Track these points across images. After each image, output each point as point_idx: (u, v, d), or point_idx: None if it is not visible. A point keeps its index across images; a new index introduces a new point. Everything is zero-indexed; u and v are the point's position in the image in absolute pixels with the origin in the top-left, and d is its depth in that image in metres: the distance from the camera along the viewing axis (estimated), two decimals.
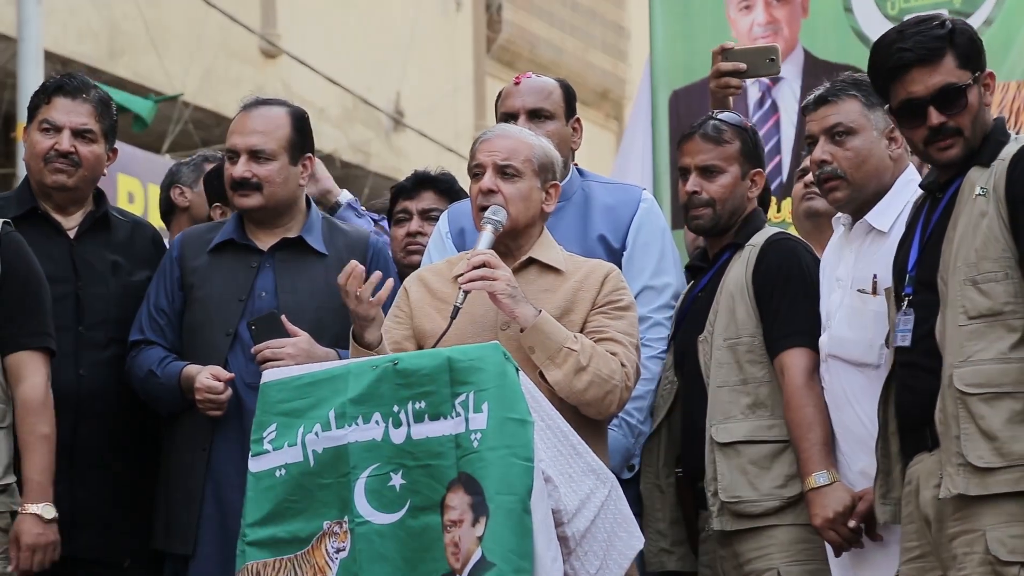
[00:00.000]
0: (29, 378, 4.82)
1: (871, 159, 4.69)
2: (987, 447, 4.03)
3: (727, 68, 5.44)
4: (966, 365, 4.08)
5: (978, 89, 4.27)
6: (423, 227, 5.79)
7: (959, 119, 4.25)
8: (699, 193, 4.97)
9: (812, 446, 4.65)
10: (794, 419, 4.71)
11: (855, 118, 4.70)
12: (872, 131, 4.69)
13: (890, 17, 6.88)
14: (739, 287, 4.88)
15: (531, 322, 4.46)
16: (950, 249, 4.17)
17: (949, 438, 4.09)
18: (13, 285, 4.84)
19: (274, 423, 4.34)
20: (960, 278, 4.12)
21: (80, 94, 5.27)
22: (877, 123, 4.69)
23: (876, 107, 4.68)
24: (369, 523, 4.20)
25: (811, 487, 4.63)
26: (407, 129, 17.96)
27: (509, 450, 4.08)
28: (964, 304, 4.11)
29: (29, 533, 4.72)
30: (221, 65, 15.14)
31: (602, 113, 21.86)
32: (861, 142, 4.69)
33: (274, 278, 5.18)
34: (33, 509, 4.75)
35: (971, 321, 4.09)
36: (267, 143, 5.18)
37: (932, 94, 4.25)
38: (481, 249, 4.54)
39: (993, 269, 4.09)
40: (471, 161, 4.72)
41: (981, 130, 4.27)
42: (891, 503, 4.40)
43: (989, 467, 4.02)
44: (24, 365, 4.83)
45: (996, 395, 4.04)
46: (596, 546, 4.22)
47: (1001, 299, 4.08)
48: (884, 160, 4.70)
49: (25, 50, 11.49)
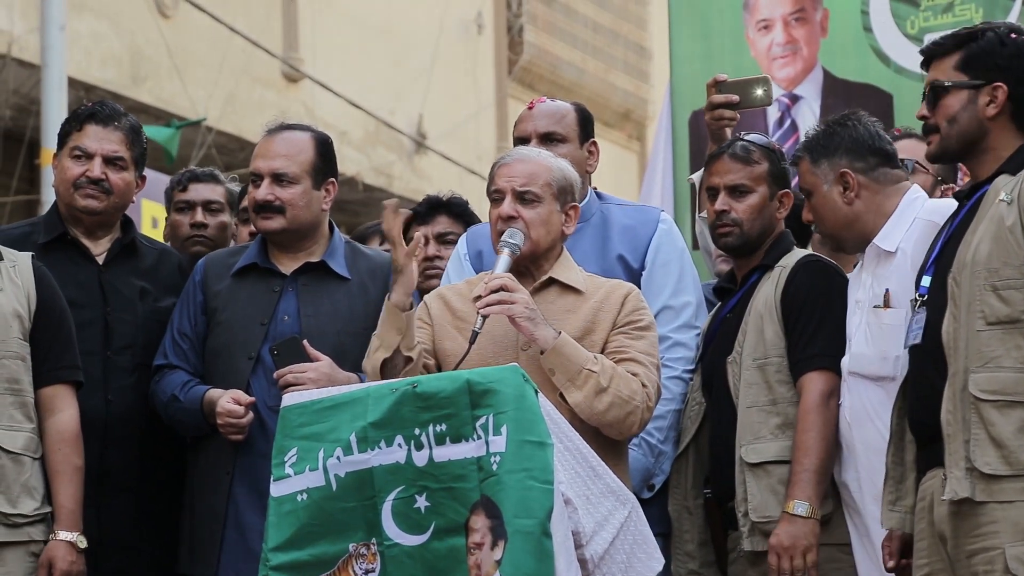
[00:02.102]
0: (65, 410, 4.88)
1: (827, 213, 4.82)
2: (995, 454, 4.02)
3: (719, 100, 5.47)
4: (983, 371, 4.07)
5: (971, 95, 4.30)
6: (440, 251, 5.83)
7: (937, 116, 4.34)
8: (728, 212, 5.01)
9: (804, 471, 4.69)
10: (797, 441, 4.74)
11: (806, 178, 4.85)
12: (822, 186, 4.81)
13: (909, 36, 6.90)
14: (768, 308, 4.89)
15: (551, 344, 4.46)
16: (967, 250, 4.17)
17: (957, 441, 4.08)
18: (50, 318, 4.90)
19: (295, 447, 4.34)
20: (979, 282, 4.11)
21: (112, 122, 5.32)
22: (825, 176, 4.81)
23: (821, 160, 4.81)
24: (399, 545, 4.21)
25: (788, 511, 4.67)
26: (429, 152, 17.99)
27: (527, 473, 4.07)
28: (983, 309, 4.10)
29: (64, 559, 4.77)
30: (244, 90, 15.20)
31: (624, 134, 21.88)
32: (815, 200, 4.84)
33: (296, 302, 5.20)
34: (67, 536, 4.80)
35: (989, 327, 4.09)
36: (290, 167, 5.21)
37: (925, 89, 4.38)
38: (499, 272, 4.54)
39: (1014, 276, 4.08)
40: (490, 185, 4.72)
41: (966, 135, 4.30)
42: (900, 511, 4.39)
43: (996, 474, 4.01)
44: (59, 397, 4.88)
45: (1010, 403, 4.03)
46: (615, 568, 4.21)
47: (1020, 307, 4.07)
48: (840, 209, 4.79)
49: (49, 77, 11.54)
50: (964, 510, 4.08)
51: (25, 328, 4.83)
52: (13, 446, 4.75)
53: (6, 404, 4.76)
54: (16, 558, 4.75)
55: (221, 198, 6.23)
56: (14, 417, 4.77)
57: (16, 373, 4.79)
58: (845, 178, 4.77)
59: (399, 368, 4.56)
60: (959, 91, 4.30)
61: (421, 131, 17.97)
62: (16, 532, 4.73)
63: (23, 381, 4.81)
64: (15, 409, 4.77)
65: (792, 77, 7.16)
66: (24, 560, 4.77)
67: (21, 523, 4.74)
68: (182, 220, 6.20)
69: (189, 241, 6.14)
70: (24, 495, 4.75)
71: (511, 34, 20.07)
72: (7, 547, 4.73)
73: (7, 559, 4.73)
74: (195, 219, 6.17)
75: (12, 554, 4.74)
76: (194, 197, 6.21)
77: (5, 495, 4.72)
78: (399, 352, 4.55)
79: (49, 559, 4.77)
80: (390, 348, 4.56)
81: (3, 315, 4.79)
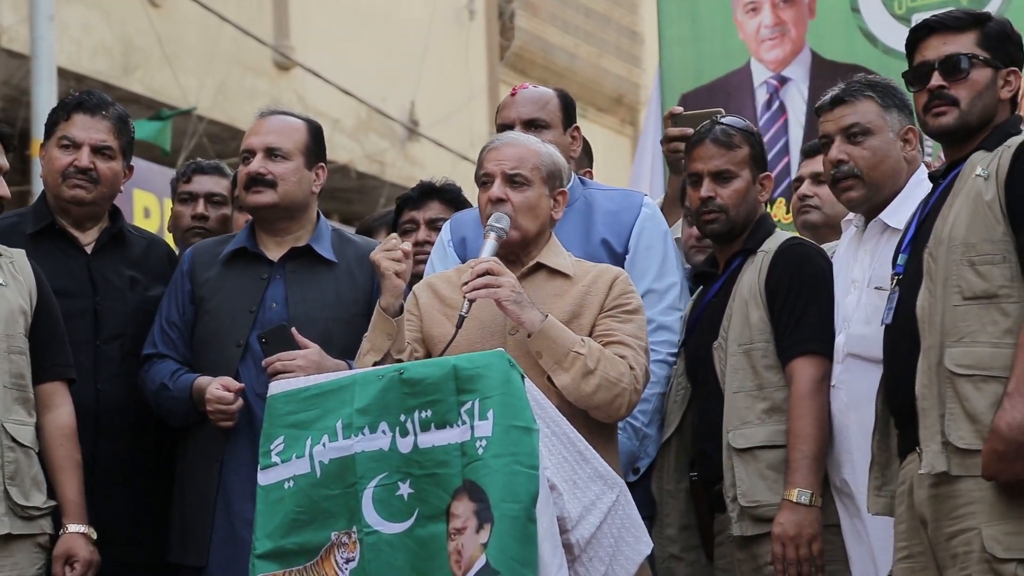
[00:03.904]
0: (62, 406, 4.91)
1: (888, 160, 4.71)
2: (969, 428, 4.02)
3: (675, 133, 5.49)
4: (958, 345, 4.06)
5: (994, 75, 4.28)
6: (430, 237, 5.81)
7: (958, 88, 4.27)
8: (713, 198, 4.97)
9: (803, 458, 4.67)
10: (792, 428, 4.72)
11: (872, 118, 4.72)
12: (888, 132, 4.72)
13: (897, 17, 6.90)
14: (752, 293, 4.87)
15: (538, 327, 4.46)
16: (943, 225, 4.16)
17: (932, 416, 4.07)
18: (48, 317, 4.92)
19: (281, 435, 4.35)
20: (956, 257, 4.10)
21: (99, 111, 5.32)
22: (893, 124, 4.72)
23: (892, 108, 4.71)
24: (378, 533, 4.20)
25: (790, 499, 4.66)
26: (422, 138, 17.98)
27: (514, 458, 4.07)
28: (960, 284, 4.09)
29: (86, 549, 4.82)
30: (235, 78, 15.18)
31: (617, 119, 21.86)
32: (878, 142, 4.71)
33: (284, 289, 5.20)
34: (79, 529, 4.84)
35: (966, 302, 4.08)
36: (284, 142, 5.23)
37: (940, 59, 4.29)
38: (485, 257, 4.54)
39: (992, 252, 4.07)
40: (479, 170, 4.73)
41: (985, 113, 4.28)
42: (886, 495, 4.40)
43: (970, 449, 4.01)
44: (57, 394, 4.91)
45: (984, 378, 4.02)
46: (602, 552, 4.21)
47: (997, 282, 4.06)
48: (899, 162, 4.73)
49: (39, 68, 11.53)
50: (943, 492, 4.08)
51: (27, 324, 4.85)
52: (24, 440, 4.78)
53: (13, 399, 4.78)
54: (24, 550, 4.76)
55: (224, 191, 6.23)
56: (19, 412, 4.80)
57: (21, 368, 4.82)
58: (909, 135, 4.72)
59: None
60: (984, 68, 4.28)
61: (413, 118, 17.96)
62: (30, 524, 4.76)
63: (27, 377, 4.83)
64: (20, 404, 4.80)
65: (780, 59, 7.16)
66: (31, 553, 4.78)
67: (35, 515, 4.77)
68: (184, 211, 6.22)
69: (190, 232, 6.14)
70: (34, 488, 4.79)
71: (503, 20, 20.06)
72: (16, 540, 4.74)
73: (15, 551, 4.74)
74: (196, 211, 6.18)
75: (20, 546, 4.75)
76: (197, 189, 6.21)
77: (20, 488, 4.74)
78: (389, 356, 4.58)
79: (67, 551, 4.81)
80: (380, 352, 4.59)
81: (11, 310, 4.81)
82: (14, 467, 4.73)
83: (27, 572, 4.76)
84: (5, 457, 4.72)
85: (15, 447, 4.74)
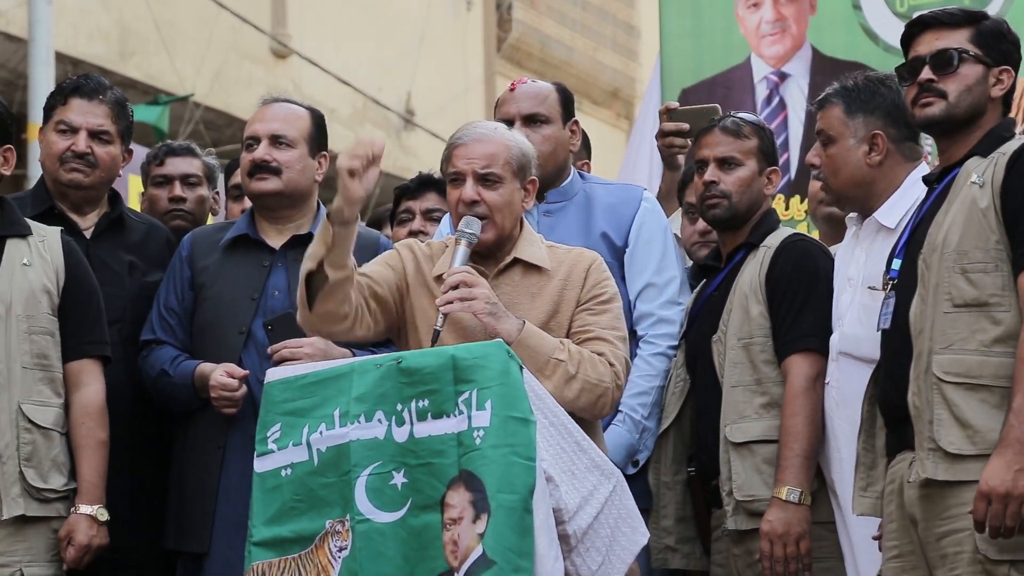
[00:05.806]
0: (91, 384, 4.91)
1: (845, 167, 4.74)
2: (960, 434, 4.01)
3: (670, 128, 5.54)
4: (947, 352, 4.06)
5: (985, 72, 4.28)
6: (425, 227, 5.86)
7: (946, 81, 4.27)
8: (716, 183, 5.00)
9: (795, 457, 4.69)
10: (784, 426, 4.74)
11: (834, 125, 4.76)
12: (849, 139, 4.74)
13: (899, 14, 6.89)
14: (753, 288, 4.89)
15: (515, 337, 4.35)
16: (938, 232, 4.16)
17: (923, 422, 4.07)
18: (78, 294, 4.92)
19: (278, 423, 4.33)
20: (948, 264, 4.10)
21: (97, 95, 5.32)
22: (856, 130, 4.73)
23: (858, 113, 4.71)
24: (370, 521, 4.19)
25: (780, 497, 4.68)
26: (417, 129, 17.97)
27: (511, 448, 4.07)
28: (950, 291, 4.09)
29: (84, 533, 4.80)
30: (232, 65, 15.16)
31: (613, 112, 21.85)
32: (836, 150, 4.76)
33: (287, 277, 5.19)
34: (88, 510, 4.83)
35: (956, 309, 4.08)
36: (288, 130, 5.23)
37: (931, 54, 4.29)
38: (457, 266, 4.42)
39: (984, 260, 4.07)
40: (447, 167, 4.58)
41: (974, 109, 4.27)
42: (871, 496, 4.39)
43: (960, 454, 4.01)
44: (86, 372, 4.92)
45: (973, 386, 4.02)
46: (599, 542, 4.20)
47: (988, 290, 4.06)
48: (859, 168, 4.73)
49: (36, 51, 11.52)
50: (933, 492, 4.08)
51: (54, 303, 4.86)
52: (44, 421, 4.79)
53: (36, 379, 4.79)
54: (39, 534, 4.78)
55: (199, 172, 6.22)
56: (43, 392, 4.81)
57: (45, 348, 4.82)
58: (876, 140, 4.72)
59: (336, 291, 4.37)
60: (976, 64, 4.28)
61: (409, 108, 17.95)
62: (46, 507, 4.77)
63: (52, 356, 4.84)
64: (44, 384, 4.81)
65: (781, 55, 7.15)
66: (46, 536, 4.80)
67: (52, 498, 4.78)
68: (160, 194, 6.19)
69: (168, 215, 6.11)
70: (54, 470, 4.80)
71: (500, 11, 20.05)
72: (32, 522, 4.76)
73: (29, 535, 4.76)
74: (173, 193, 6.16)
75: (35, 530, 4.76)
76: (171, 171, 6.19)
77: (36, 469, 4.75)
78: (324, 269, 4.35)
79: (68, 533, 4.80)
80: (314, 260, 4.37)
81: (33, 291, 4.82)
82: (30, 448, 4.74)
83: (41, 558, 4.77)
84: (21, 439, 4.73)
85: (32, 428, 4.75)
